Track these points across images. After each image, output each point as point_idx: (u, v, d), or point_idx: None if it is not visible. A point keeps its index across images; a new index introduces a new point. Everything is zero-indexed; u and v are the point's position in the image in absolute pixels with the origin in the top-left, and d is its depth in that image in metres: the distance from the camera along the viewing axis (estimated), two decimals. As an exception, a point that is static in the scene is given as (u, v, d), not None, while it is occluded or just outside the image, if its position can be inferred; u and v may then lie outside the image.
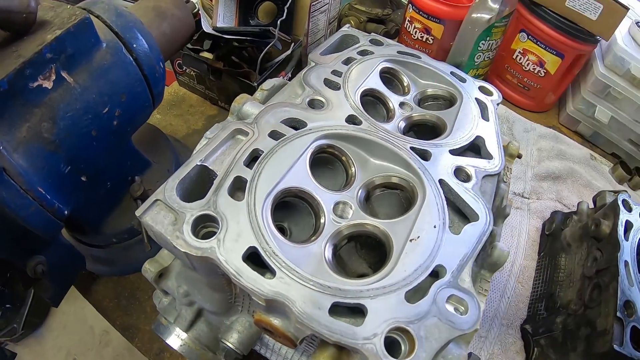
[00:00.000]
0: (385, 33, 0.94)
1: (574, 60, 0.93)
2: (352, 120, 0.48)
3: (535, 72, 0.96)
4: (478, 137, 0.51)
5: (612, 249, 0.63)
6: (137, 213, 0.36)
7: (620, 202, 0.67)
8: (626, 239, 0.64)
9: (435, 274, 0.38)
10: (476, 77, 0.97)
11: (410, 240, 0.39)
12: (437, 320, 0.34)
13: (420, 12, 0.90)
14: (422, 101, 0.59)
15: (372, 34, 0.63)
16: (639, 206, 0.69)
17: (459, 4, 0.90)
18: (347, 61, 0.57)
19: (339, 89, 0.52)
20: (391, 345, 0.33)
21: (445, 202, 0.42)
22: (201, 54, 0.78)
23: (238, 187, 0.40)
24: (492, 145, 0.51)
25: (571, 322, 0.63)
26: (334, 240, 0.41)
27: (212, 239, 0.35)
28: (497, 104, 0.59)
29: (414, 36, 0.95)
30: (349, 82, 0.53)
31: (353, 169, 0.46)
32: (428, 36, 0.94)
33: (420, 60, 0.60)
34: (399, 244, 0.39)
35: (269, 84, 0.54)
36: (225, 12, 0.68)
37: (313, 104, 0.49)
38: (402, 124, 0.53)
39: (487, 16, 0.82)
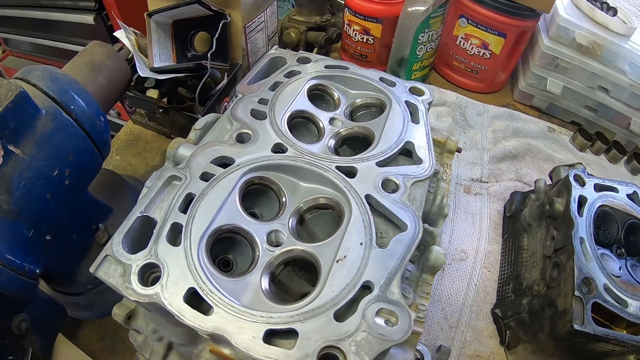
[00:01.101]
0: (326, 39, 0.94)
1: (518, 37, 0.93)
2: (278, 148, 0.49)
3: (481, 55, 0.96)
4: (408, 142, 0.52)
5: (567, 227, 0.63)
6: (91, 269, 0.40)
7: (571, 178, 0.68)
8: (581, 214, 0.64)
9: (367, 290, 0.39)
10: (422, 68, 0.98)
11: (337, 261, 0.40)
12: (367, 334, 0.35)
13: (357, 15, 0.91)
14: (353, 112, 0.60)
15: (300, 51, 0.64)
16: (592, 178, 0.69)
17: (393, 0, 0.90)
18: (275, 86, 0.58)
19: (265, 117, 0.53)
20: (333, 361, 0.35)
21: (371, 218, 0.43)
22: (148, 92, 0.79)
23: (177, 232, 0.42)
24: (422, 148, 0.52)
25: (536, 303, 0.64)
26: (269, 269, 0.42)
27: (156, 284, 0.37)
28: (429, 103, 0.60)
29: (355, 38, 0.95)
30: (276, 108, 0.54)
31: (284, 197, 0.48)
32: (368, 37, 0.94)
33: (348, 71, 0.61)
34: (327, 265, 0.40)
35: (201, 122, 0.56)
36: (160, 51, 0.69)
37: (241, 138, 0.50)
38: (332, 142, 0.54)
39: (423, 8, 0.82)
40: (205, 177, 0.46)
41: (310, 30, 0.92)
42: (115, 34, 0.72)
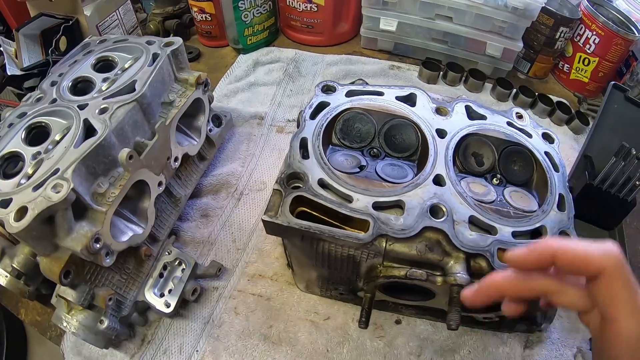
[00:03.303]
0: (177, 25, 1.34)
1: (340, -15, 1.20)
2: (53, 101, 0.91)
3: (309, 9, 1.24)
4: (133, 81, 0.89)
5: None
6: None
7: (318, 87, 0.87)
8: (313, 117, 0.82)
9: (57, 174, 0.76)
10: (257, 32, 1.29)
11: (47, 159, 0.79)
12: (41, 197, 0.71)
13: (193, -2, 1.30)
14: (125, 70, 0.99)
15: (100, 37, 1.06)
16: (345, 87, 0.89)
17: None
18: (74, 64, 1.01)
19: (55, 85, 0.96)
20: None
21: (81, 130, 0.81)
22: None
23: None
24: (140, 80, 0.87)
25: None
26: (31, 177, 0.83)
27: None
28: (175, 49, 0.96)
29: (197, 19, 1.30)
30: (64, 79, 0.96)
31: (51, 131, 0.88)
32: (205, 14, 1.27)
33: (127, 41, 1.01)
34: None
35: (26, 97, 1.01)
36: (30, 56, 1.18)
37: (38, 100, 0.93)
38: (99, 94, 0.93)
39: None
40: (10, 126, 0.90)
41: (166, 19, 1.34)
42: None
